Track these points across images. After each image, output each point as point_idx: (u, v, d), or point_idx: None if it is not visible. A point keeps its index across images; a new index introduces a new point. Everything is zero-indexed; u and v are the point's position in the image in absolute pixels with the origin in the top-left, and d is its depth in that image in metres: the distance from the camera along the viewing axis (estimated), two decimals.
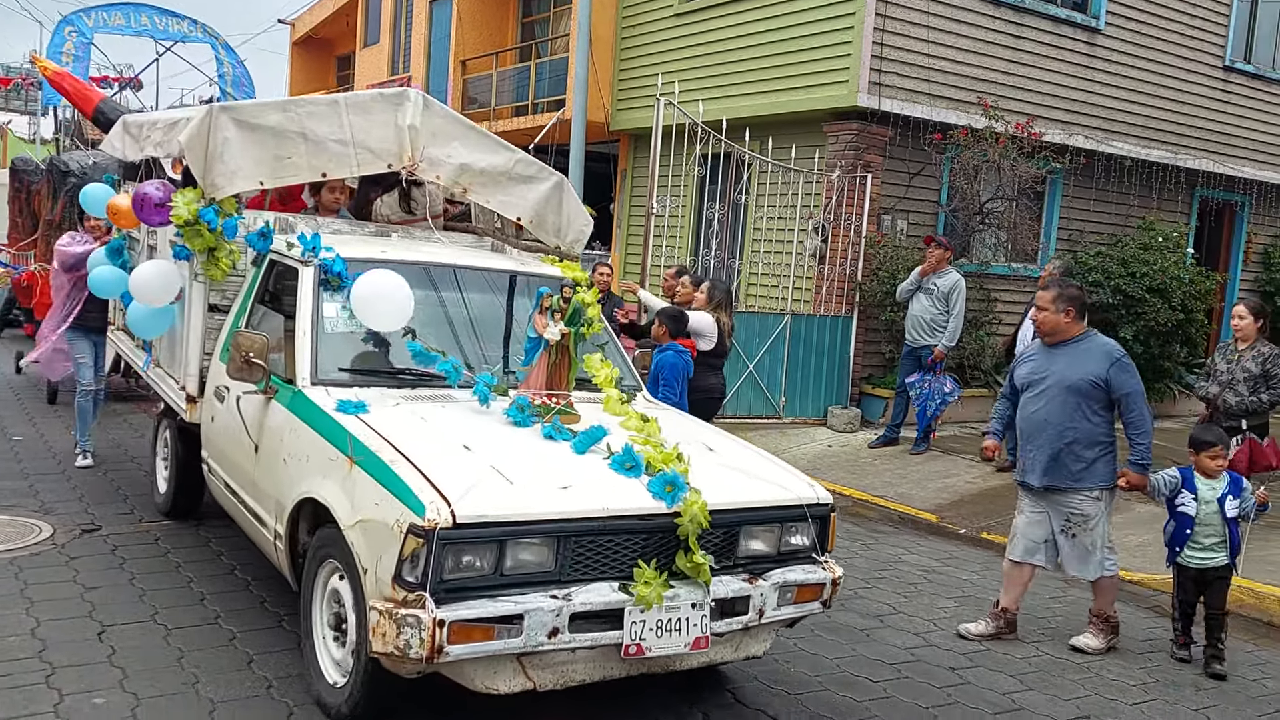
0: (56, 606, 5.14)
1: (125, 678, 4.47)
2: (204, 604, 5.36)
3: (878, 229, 12.41)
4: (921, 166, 12.57)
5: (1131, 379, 5.51)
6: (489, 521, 3.84)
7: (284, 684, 4.55)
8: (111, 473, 7.89)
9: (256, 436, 4.94)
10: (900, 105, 12.08)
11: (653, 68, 14.64)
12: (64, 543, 6.11)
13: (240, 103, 5.64)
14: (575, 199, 6.35)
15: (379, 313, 4.74)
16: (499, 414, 4.63)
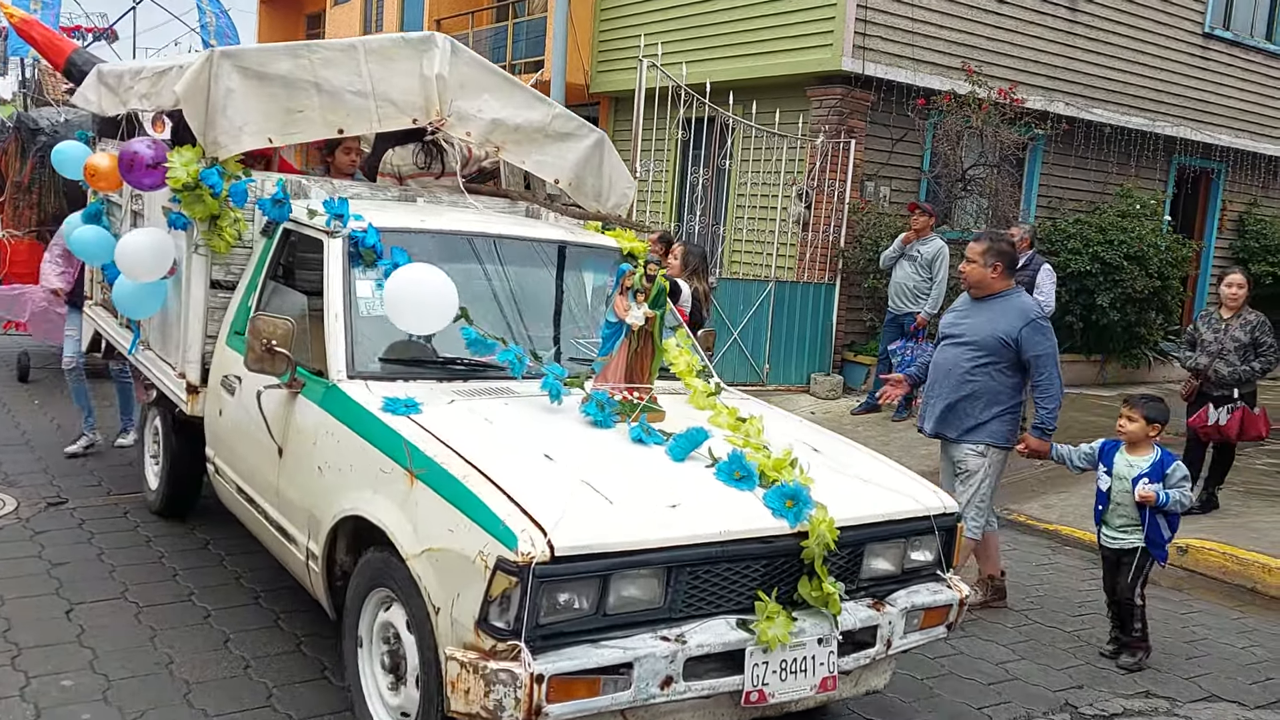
0: (21, 583, 4.72)
1: (95, 658, 4.11)
2: (176, 580, 4.92)
3: (861, 195, 11.76)
4: (904, 132, 11.96)
5: (1044, 341, 5.05)
6: (591, 553, 3.00)
7: (262, 664, 4.17)
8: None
9: (281, 438, 4.02)
10: (884, 70, 11.51)
11: (635, 29, 13.72)
12: (28, 516, 5.63)
13: (244, 47, 4.64)
14: (617, 158, 5.45)
15: (418, 318, 3.84)
16: (573, 412, 3.77)
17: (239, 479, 4.45)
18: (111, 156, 5.51)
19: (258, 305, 4.55)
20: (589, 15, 14.76)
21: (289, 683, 4.02)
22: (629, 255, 4.75)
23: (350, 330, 3.99)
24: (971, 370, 5.08)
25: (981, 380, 5.07)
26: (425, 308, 3.79)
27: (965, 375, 5.09)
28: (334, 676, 4.08)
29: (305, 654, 4.29)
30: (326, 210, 4.22)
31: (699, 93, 10.73)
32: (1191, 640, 5.32)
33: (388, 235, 4.21)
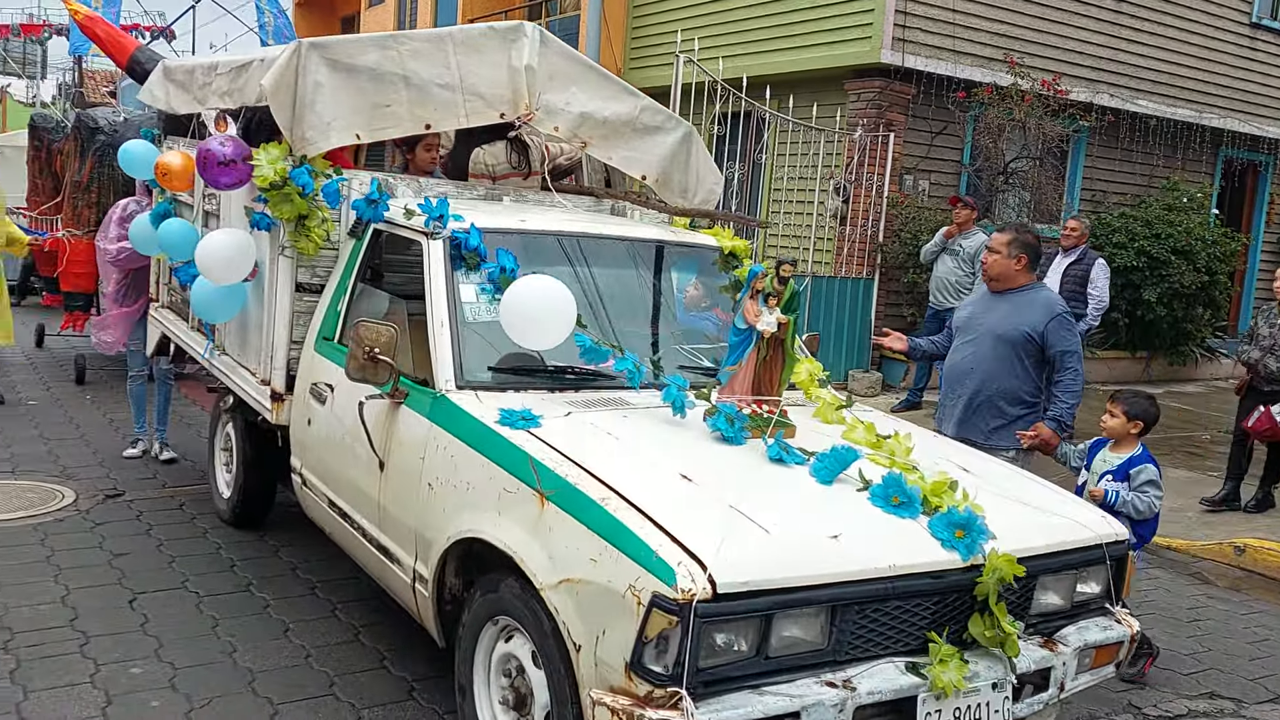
0: (85, 574, 4.68)
1: (160, 646, 4.05)
2: (234, 571, 4.84)
3: (900, 189, 11.34)
4: (944, 125, 11.52)
5: (1070, 336, 4.72)
6: (754, 590, 2.62)
7: (322, 653, 4.10)
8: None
9: (383, 451, 3.65)
10: (924, 62, 11.06)
11: (669, 24, 13.31)
12: (88, 508, 5.55)
13: (332, 39, 4.24)
14: (704, 152, 5.04)
15: (539, 334, 3.46)
16: (698, 426, 3.39)
17: (331, 492, 4.08)
18: (184, 155, 5.14)
19: (347, 310, 4.17)
20: (622, 11, 14.35)
21: (349, 672, 3.95)
22: (730, 255, 4.37)
23: (457, 338, 3.61)
24: (993, 366, 4.73)
25: (1005, 379, 4.72)
26: (546, 323, 3.42)
27: (986, 371, 4.74)
28: (392, 666, 4.03)
29: (364, 644, 4.20)
30: (425, 210, 3.83)
31: (735, 87, 10.37)
32: (1254, 641, 5.02)
33: (488, 236, 3.82)
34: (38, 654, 3.92)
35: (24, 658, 3.88)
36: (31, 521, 5.29)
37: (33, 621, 4.16)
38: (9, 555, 4.81)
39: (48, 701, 3.61)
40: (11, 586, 4.48)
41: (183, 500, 5.79)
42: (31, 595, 4.40)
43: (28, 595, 4.40)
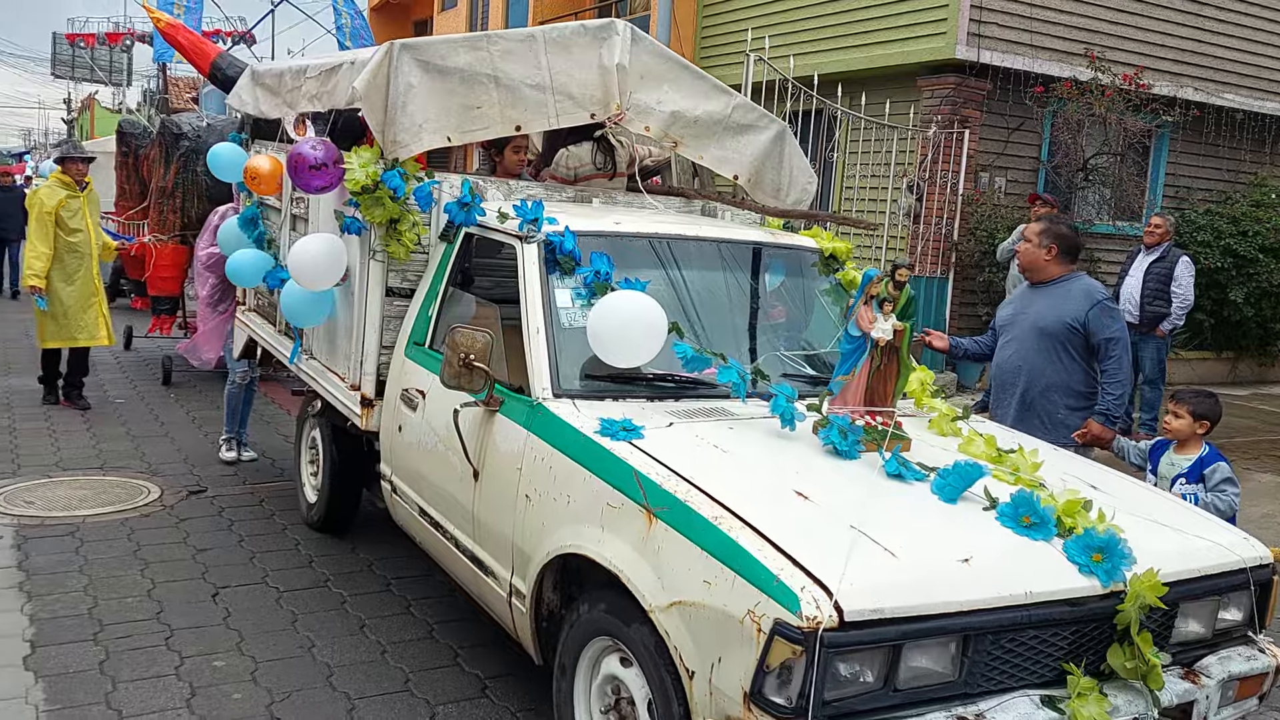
0: (170, 568, 4.75)
1: (242, 640, 4.09)
2: (312, 567, 4.87)
3: (975, 186, 11.00)
4: (1021, 121, 11.20)
5: (1114, 323, 4.53)
6: (884, 618, 2.41)
7: (397, 649, 4.10)
8: (212, 434, 7.11)
9: (478, 460, 3.50)
10: (1000, 57, 10.82)
11: (739, 23, 13.10)
12: (172, 504, 5.64)
13: (423, 40, 4.10)
14: (798, 151, 4.82)
15: (627, 352, 3.29)
16: (808, 439, 3.18)
17: (422, 501, 3.95)
18: (272, 159, 5.06)
19: (438, 315, 4.04)
20: (692, 11, 14.16)
21: (424, 668, 3.94)
22: (830, 257, 4.15)
23: (553, 344, 3.45)
24: (1038, 360, 4.57)
25: (1053, 372, 4.56)
26: (634, 342, 3.24)
27: (1032, 367, 4.59)
28: (466, 664, 4.01)
29: (438, 640, 4.19)
30: (519, 213, 3.67)
31: (806, 85, 10.17)
32: None
33: (583, 239, 3.65)
34: (126, 645, 3.97)
35: (113, 649, 3.93)
36: (120, 516, 5.37)
37: (121, 614, 4.22)
38: (100, 549, 4.89)
39: (135, 693, 3.65)
40: (102, 580, 4.55)
41: (262, 497, 5.84)
42: (120, 588, 4.46)
43: (116, 588, 4.46)
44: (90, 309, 7.48)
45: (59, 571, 4.61)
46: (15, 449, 6.59)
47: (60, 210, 7.31)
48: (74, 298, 7.42)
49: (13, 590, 4.39)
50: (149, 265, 8.21)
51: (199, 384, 8.70)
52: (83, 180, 7.43)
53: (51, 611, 4.20)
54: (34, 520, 5.27)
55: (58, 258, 7.33)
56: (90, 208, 7.48)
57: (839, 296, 4.06)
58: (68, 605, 4.27)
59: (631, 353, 3.25)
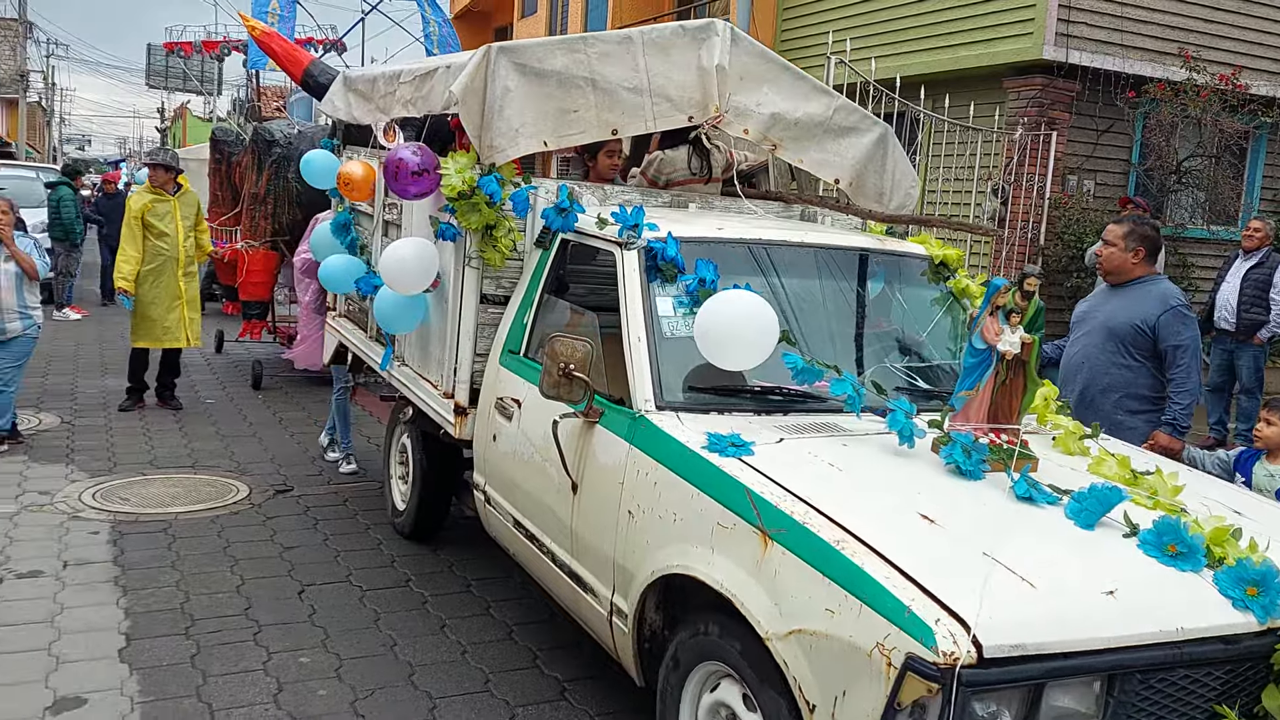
0: (258, 565, 4.81)
1: (327, 637, 4.12)
2: (394, 566, 4.90)
3: (1063, 190, 10.57)
4: (1111, 123, 10.75)
5: (1186, 330, 4.35)
6: (1026, 654, 2.21)
7: (478, 649, 4.09)
8: (298, 435, 7.33)
9: (576, 473, 3.36)
10: (1090, 58, 10.42)
11: (819, 25, 12.83)
12: (260, 502, 5.74)
13: (521, 43, 3.99)
14: (901, 154, 4.62)
15: (738, 354, 3.11)
16: (929, 457, 2.98)
17: (517, 512, 3.82)
18: (365, 165, 5.00)
19: (534, 322, 3.91)
20: (771, 15, 13.92)
21: (504, 669, 3.94)
22: (940, 264, 3.92)
23: (655, 355, 3.29)
24: (1100, 360, 4.39)
25: (1117, 372, 4.41)
26: (744, 344, 3.07)
27: (1094, 365, 4.45)
28: (545, 666, 4.00)
29: (517, 642, 4.19)
30: (619, 219, 3.53)
31: (888, 88, 9.90)
32: None
33: (685, 246, 3.49)
34: (216, 640, 4.03)
35: (203, 644, 4.00)
36: (210, 513, 5.47)
37: (211, 609, 4.29)
38: (192, 545, 4.99)
39: (224, 686, 3.70)
40: (193, 576, 4.63)
41: (346, 496, 5.90)
42: (210, 585, 4.54)
43: (207, 584, 4.54)
44: (173, 311, 7.55)
45: (152, 567, 4.70)
46: (111, 447, 6.72)
47: (146, 214, 7.40)
48: (157, 300, 7.51)
49: (109, 584, 4.48)
50: (241, 271, 8.24)
51: (287, 388, 8.76)
52: (167, 185, 7.47)
53: (145, 605, 4.29)
54: (129, 516, 5.38)
55: (144, 260, 7.44)
56: (183, 212, 7.50)
57: (950, 306, 3.84)
58: (161, 600, 4.36)
59: (743, 355, 3.08)
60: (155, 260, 7.45)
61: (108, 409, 7.78)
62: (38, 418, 7.38)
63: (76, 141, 63.31)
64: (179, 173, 7.62)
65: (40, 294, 6.52)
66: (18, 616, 4.12)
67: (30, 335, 6.41)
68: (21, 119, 33.79)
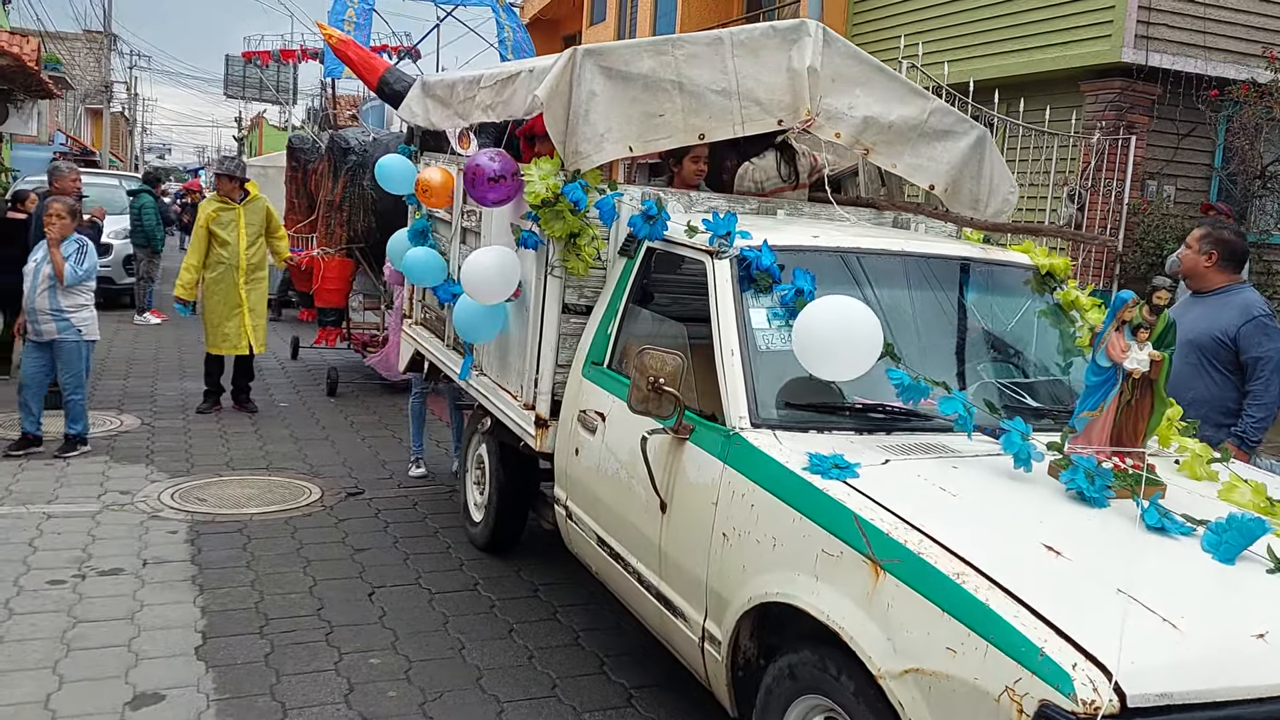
0: (329, 566, 4.82)
1: (396, 639, 4.11)
2: (463, 570, 4.87)
3: (1142, 195, 10.16)
4: (1193, 127, 10.35)
5: (1268, 342, 4.13)
6: (1173, 704, 1.99)
7: (544, 654, 4.06)
8: (369, 439, 7.33)
9: (666, 491, 3.19)
10: (1170, 60, 10.12)
11: (890, 30, 12.54)
12: (332, 504, 5.74)
13: (606, 45, 3.84)
14: (998, 158, 4.38)
15: (840, 362, 2.91)
16: (1047, 482, 2.76)
17: (601, 530, 3.66)
18: (444, 171, 4.89)
19: (618, 333, 3.75)
20: (842, 20, 13.65)
21: (570, 675, 3.90)
22: (1047, 275, 3.67)
23: (750, 369, 3.11)
24: (1182, 371, 4.11)
25: (1202, 386, 4.20)
26: (847, 351, 2.87)
27: (1182, 380, 4.18)
28: (612, 672, 3.95)
29: (584, 648, 4.15)
30: (710, 228, 3.35)
31: (961, 92, 9.67)
32: None
33: (780, 255, 3.31)
34: (289, 640, 4.04)
35: (277, 643, 4.01)
36: (284, 515, 5.49)
37: (285, 609, 4.31)
38: (266, 546, 5.01)
39: (297, 686, 3.71)
40: (268, 576, 4.65)
41: (416, 500, 5.89)
42: (284, 585, 4.55)
43: (281, 585, 4.56)
44: (233, 319, 7.52)
45: (228, 566, 4.73)
46: (189, 449, 6.78)
47: (210, 223, 7.39)
48: (217, 307, 7.50)
49: (186, 583, 4.52)
50: (316, 278, 8.19)
51: (360, 394, 8.74)
52: (233, 194, 7.44)
53: (221, 604, 4.31)
54: (206, 517, 5.43)
55: (206, 268, 7.44)
56: (247, 219, 7.46)
57: (1057, 318, 3.59)
58: (236, 599, 4.38)
59: (845, 364, 2.89)
60: (216, 268, 7.45)
61: (186, 411, 7.85)
62: (119, 419, 7.48)
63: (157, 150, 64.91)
64: (245, 181, 7.62)
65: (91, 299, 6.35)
66: (99, 613, 4.17)
67: (70, 340, 6.20)
68: (105, 128, 34.69)
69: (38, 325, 6.16)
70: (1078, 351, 3.47)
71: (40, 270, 6.14)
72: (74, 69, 31.16)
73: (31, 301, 6.15)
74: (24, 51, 16.99)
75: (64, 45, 30.47)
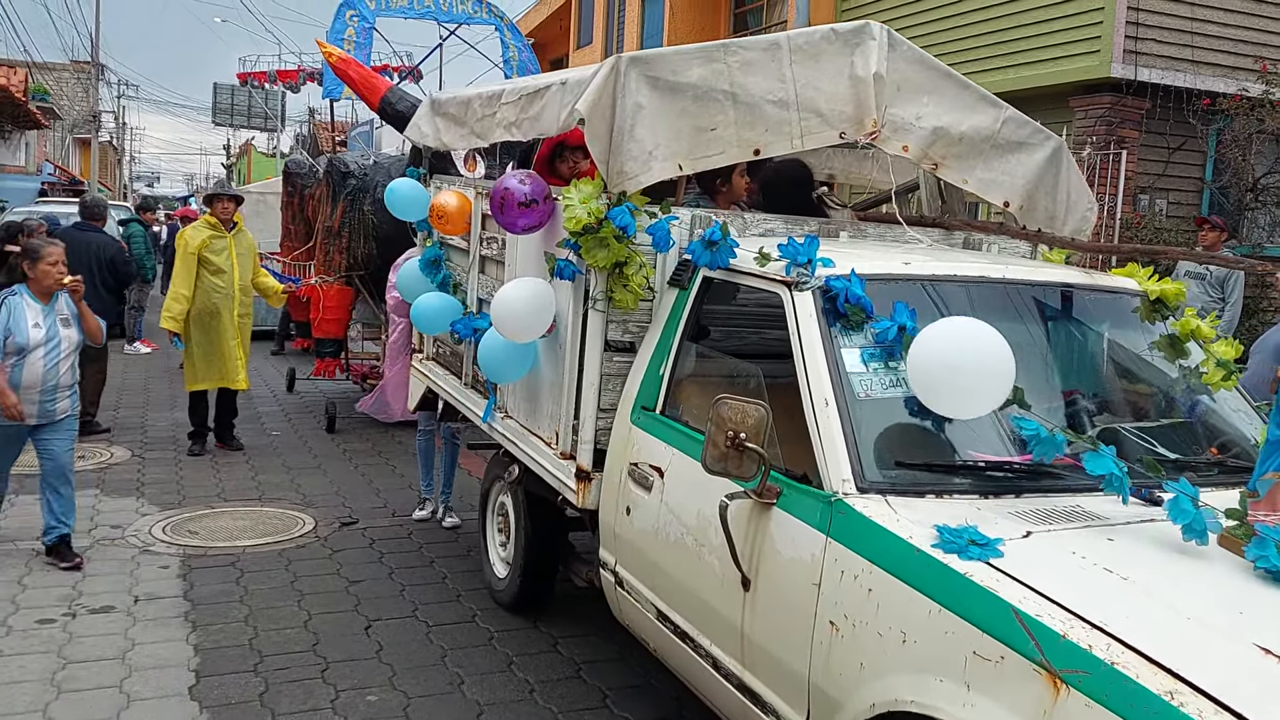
0: (324, 599, 4.57)
1: (394, 675, 3.89)
2: (460, 601, 4.60)
3: (1134, 209, 9.70)
4: (1183, 140, 9.97)
5: None
6: None
7: (545, 688, 3.83)
8: (363, 467, 6.92)
9: (749, 565, 2.60)
10: (1160, 74, 9.78)
11: None
12: (325, 535, 5.45)
13: (653, 53, 3.27)
14: (1076, 172, 3.86)
15: (971, 396, 2.32)
16: (1221, 554, 2.18)
17: (662, 603, 3.06)
18: (460, 195, 4.29)
19: (672, 374, 3.14)
20: None
21: (573, 709, 3.67)
22: (1157, 302, 3.11)
23: (850, 421, 2.50)
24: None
25: None
26: (984, 379, 2.31)
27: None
28: (615, 705, 3.72)
29: (586, 680, 3.92)
30: (787, 254, 2.76)
31: None
32: None
33: (869, 285, 2.72)
34: (284, 678, 3.83)
35: (271, 681, 3.79)
36: (277, 547, 5.23)
37: (279, 645, 4.09)
38: (260, 580, 4.75)
39: None
40: (261, 610, 4.41)
41: (411, 529, 5.59)
42: (278, 620, 4.33)
43: (275, 620, 4.33)
44: (226, 351, 6.83)
45: (221, 602, 4.51)
46: (180, 481, 6.39)
47: (204, 251, 6.67)
48: (212, 340, 6.79)
49: (179, 620, 4.27)
50: (316, 308, 7.45)
51: (361, 429, 8.02)
52: (229, 220, 6.72)
53: (215, 641, 4.10)
54: (198, 550, 5.13)
55: (197, 298, 6.71)
56: (238, 248, 6.74)
57: (1174, 350, 3.02)
58: (229, 636, 4.17)
59: (982, 394, 2.33)
60: (211, 298, 6.72)
61: (177, 442, 7.27)
62: (109, 451, 7.00)
63: (146, 179, 63.48)
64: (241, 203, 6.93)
65: None
66: (90, 653, 3.93)
67: (74, 414, 4.79)
68: (94, 158, 33.68)
69: (52, 404, 4.58)
70: (1203, 389, 2.92)
71: (59, 336, 4.56)
72: (62, 99, 30.16)
73: (51, 378, 4.55)
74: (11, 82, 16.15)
75: (52, 76, 29.47)
